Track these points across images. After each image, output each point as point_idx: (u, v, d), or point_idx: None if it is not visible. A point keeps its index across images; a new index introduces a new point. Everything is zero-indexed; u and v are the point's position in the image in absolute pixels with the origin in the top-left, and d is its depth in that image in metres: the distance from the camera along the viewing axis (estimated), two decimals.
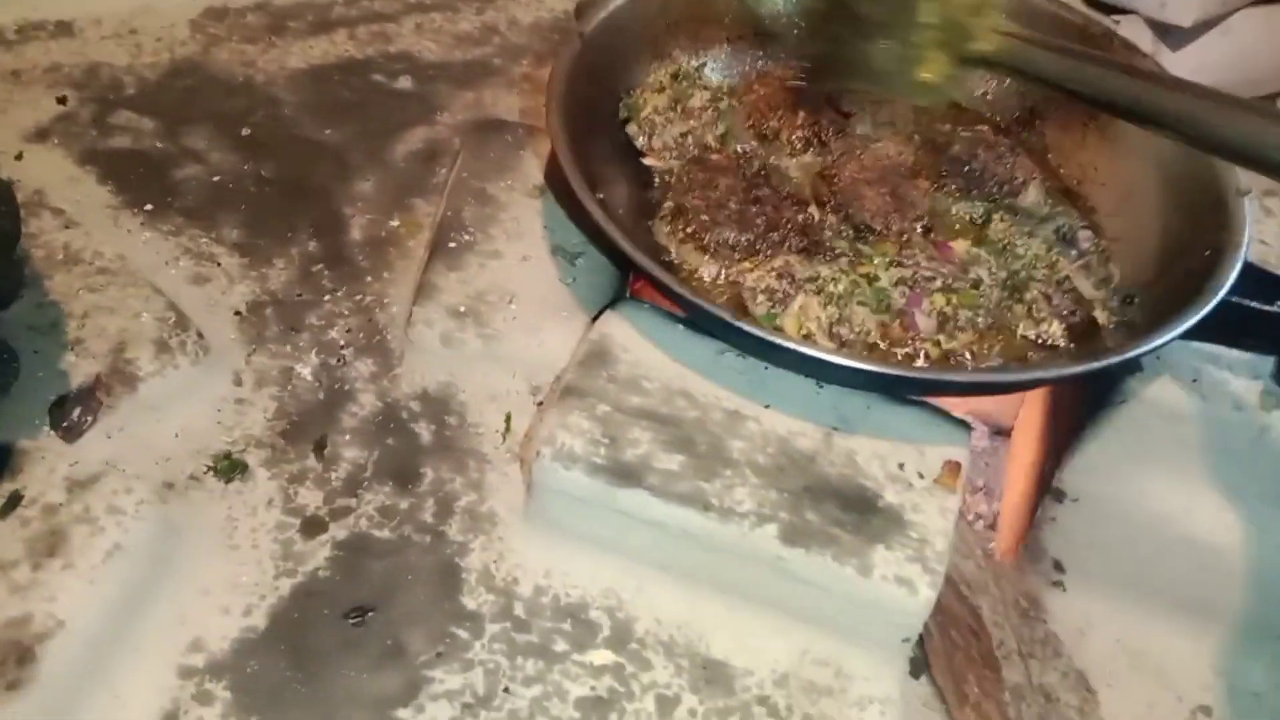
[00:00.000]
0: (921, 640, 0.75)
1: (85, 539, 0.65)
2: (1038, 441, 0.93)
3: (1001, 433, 1.10)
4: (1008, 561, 0.91)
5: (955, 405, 1.00)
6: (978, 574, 0.78)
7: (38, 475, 0.68)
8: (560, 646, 0.69)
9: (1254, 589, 0.78)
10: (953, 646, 0.74)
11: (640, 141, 0.88)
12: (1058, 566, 0.86)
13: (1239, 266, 0.72)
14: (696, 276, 0.79)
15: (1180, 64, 1.30)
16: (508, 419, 0.79)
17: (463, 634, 0.69)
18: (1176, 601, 0.82)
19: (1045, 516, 0.86)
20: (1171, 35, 1.30)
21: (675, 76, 0.89)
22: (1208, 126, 0.65)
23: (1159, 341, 0.68)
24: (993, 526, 1.03)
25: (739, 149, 0.88)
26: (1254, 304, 0.73)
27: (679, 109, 0.87)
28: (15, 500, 0.66)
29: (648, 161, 0.88)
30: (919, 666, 0.74)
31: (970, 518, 1.05)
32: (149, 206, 0.92)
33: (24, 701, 0.59)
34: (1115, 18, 1.30)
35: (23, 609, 0.61)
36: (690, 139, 0.87)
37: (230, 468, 0.75)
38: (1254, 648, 0.79)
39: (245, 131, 1.00)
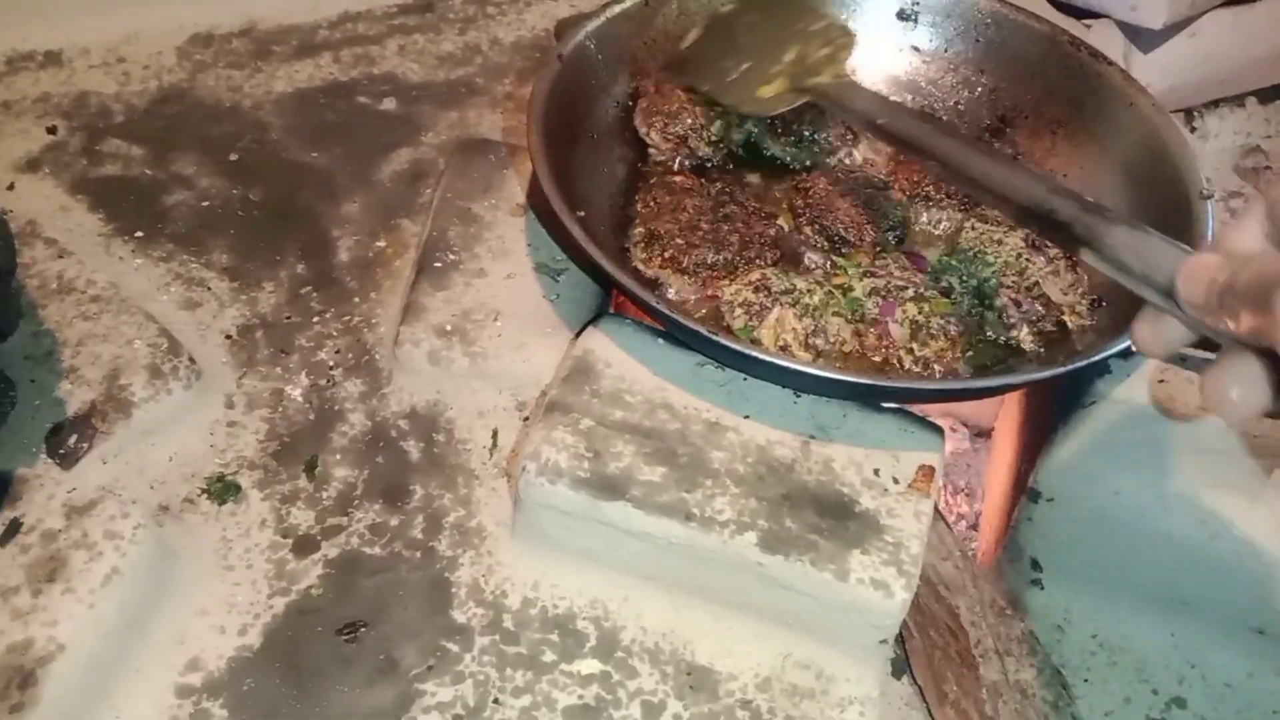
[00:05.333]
0: (903, 640, 0.77)
1: (84, 564, 0.67)
2: (1014, 442, 0.95)
3: (982, 434, 1.12)
4: (988, 561, 0.93)
5: (937, 409, 1.03)
6: (955, 575, 0.80)
7: (36, 502, 0.70)
8: (548, 657, 0.70)
9: (1225, 581, 0.80)
10: (932, 646, 0.76)
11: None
12: (1035, 565, 0.87)
13: None
14: (674, 292, 0.81)
15: (1150, 65, 1.31)
16: (494, 435, 0.81)
17: (453, 647, 0.70)
18: (1152, 596, 0.84)
19: (1022, 516, 0.88)
20: (1142, 37, 1.32)
21: None
22: (962, 167, 0.72)
23: (1120, 346, 0.70)
24: (975, 527, 1.06)
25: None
26: None
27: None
28: (15, 527, 0.68)
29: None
30: (900, 666, 0.76)
31: (953, 518, 1.08)
32: (140, 233, 0.94)
33: None
34: (1087, 22, 1.32)
35: (24, 634, 0.63)
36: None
37: (224, 490, 0.77)
38: (1227, 639, 0.81)
39: (233, 156, 1.02)
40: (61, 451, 0.75)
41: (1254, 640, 0.81)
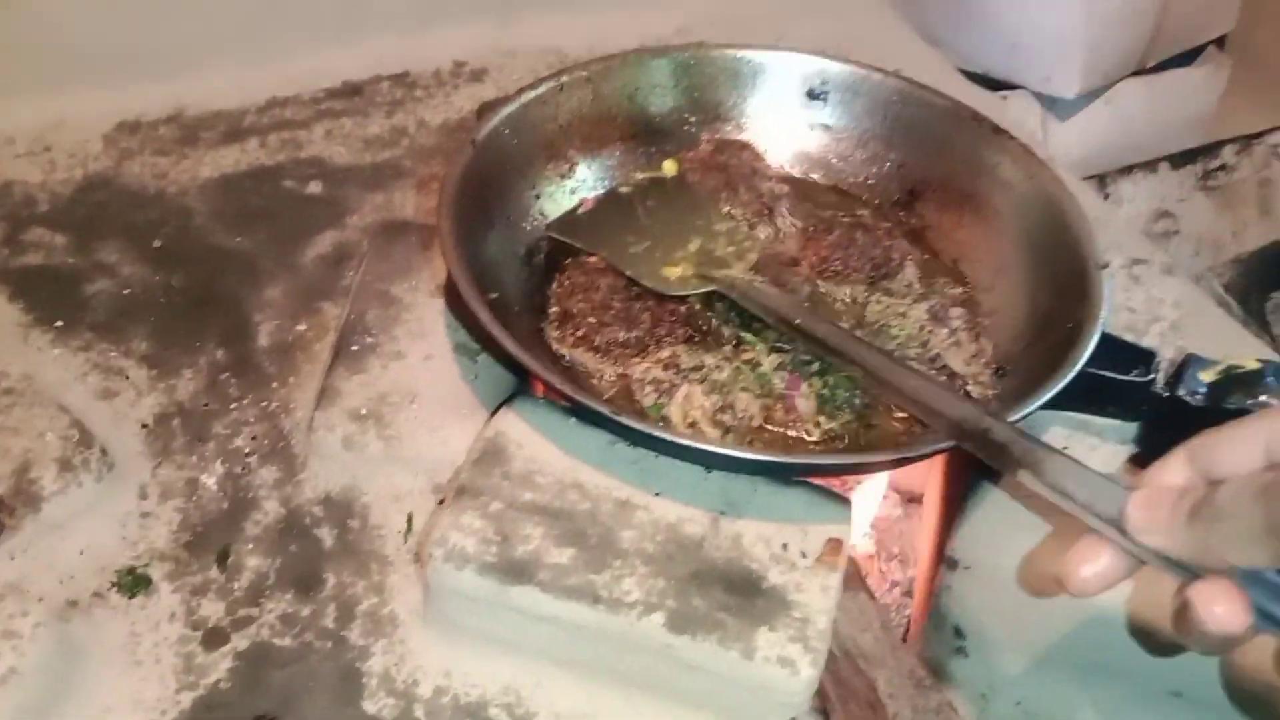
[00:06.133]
0: (827, 714, 0.76)
1: None
2: (937, 509, 0.96)
3: (914, 499, 1.13)
4: (916, 628, 0.94)
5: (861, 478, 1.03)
6: (875, 646, 0.80)
7: None
8: None
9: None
10: None
11: None
12: (958, 633, 0.88)
13: (1096, 339, 0.76)
14: (587, 372, 0.82)
15: (1067, 134, 1.36)
16: (409, 519, 0.81)
17: None
18: (1072, 661, 0.84)
19: (943, 584, 0.88)
20: (1058, 107, 1.37)
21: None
22: (888, 378, 0.76)
23: (1018, 415, 0.71)
24: (909, 594, 1.06)
25: None
26: (1111, 374, 0.77)
27: None
28: None
29: None
30: None
31: (886, 585, 1.08)
32: (59, 323, 0.94)
33: None
34: (1004, 94, 1.36)
35: None
36: None
37: (134, 583, 0.76)
38: (1145, 703, 0.81)
39: (156, 243, 1.02)
40: None
41: (1172, 703, 0.81)
